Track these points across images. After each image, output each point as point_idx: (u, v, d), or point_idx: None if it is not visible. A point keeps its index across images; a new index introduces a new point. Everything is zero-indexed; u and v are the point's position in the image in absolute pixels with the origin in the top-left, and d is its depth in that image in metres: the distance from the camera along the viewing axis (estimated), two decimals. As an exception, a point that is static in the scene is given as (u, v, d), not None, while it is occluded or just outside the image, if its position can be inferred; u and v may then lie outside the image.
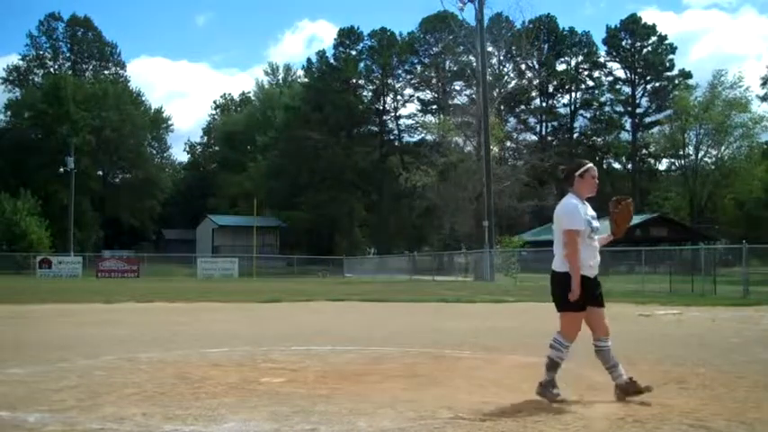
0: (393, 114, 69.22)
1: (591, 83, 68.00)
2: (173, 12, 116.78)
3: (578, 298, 4.76)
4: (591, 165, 5.09)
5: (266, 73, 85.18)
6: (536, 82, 65.96)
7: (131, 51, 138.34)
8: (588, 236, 4.90)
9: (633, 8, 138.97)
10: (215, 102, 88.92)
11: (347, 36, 67.12)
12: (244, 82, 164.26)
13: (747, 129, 51.52)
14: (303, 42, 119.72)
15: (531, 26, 56.23)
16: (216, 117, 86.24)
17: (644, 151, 65.26)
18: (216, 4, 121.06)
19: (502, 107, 55.01)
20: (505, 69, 59.04)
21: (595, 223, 4.96)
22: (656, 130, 62.10)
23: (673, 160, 60.17)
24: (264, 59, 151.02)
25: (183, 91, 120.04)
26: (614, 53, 66.26)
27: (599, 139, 67.88)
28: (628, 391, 4.80)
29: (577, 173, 5.01)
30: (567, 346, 4.85)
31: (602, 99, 67.64)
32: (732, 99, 51.12)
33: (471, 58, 49.53)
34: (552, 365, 4.83)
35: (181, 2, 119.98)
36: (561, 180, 5.17)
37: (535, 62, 65.57)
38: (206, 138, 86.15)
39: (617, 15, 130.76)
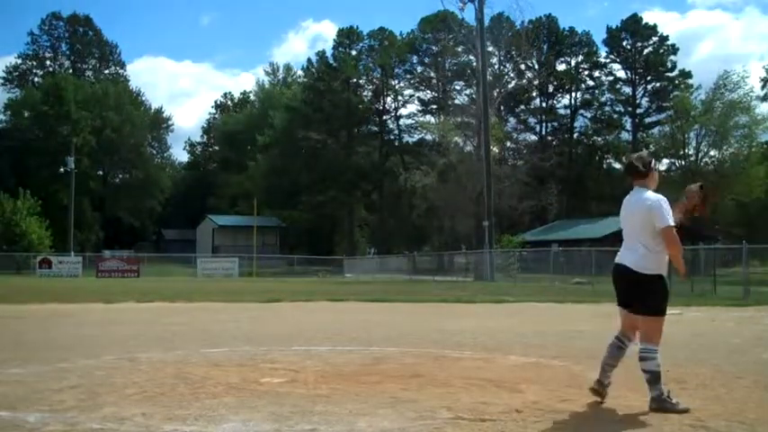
0: (393, 114, 69.25)
1: (591, 83, 67.97)
2: (177, 12, 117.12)
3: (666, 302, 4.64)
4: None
5: (267, 73, 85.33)
6: (536, 82, 65.96)
7: (135, 51, 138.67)
8: None
9: (637, 8, 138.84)
10: (215, 102, 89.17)
11: (347, 36, 67.12)
12: (247, 82, 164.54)
13: (749, 130, 51.44)
14: (307, 42, 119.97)
15: (530, 26, 56.32)
16: (216, 117, 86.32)
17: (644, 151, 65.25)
18: (220, 4, 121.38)
19: (502, 107, 55.04)
20: (505, 69, 59.09)
21: None
22: (656, 130, 62.09)
23: (673, 160, 60.10)
24: (268, 60, 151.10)
25: (187, 91, 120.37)
26: (615, 53, 66.25)
27: (599, 139, 67.87)
28: (598, 390, 4.75)
29: (653, 165, 4.73)
30: (657, 350, 4.56)
31: (603, 99, 67.63)
32: (734, 100, 51.02)
33: (471, 57, 49.59)
34: (654, 378, 4.52)
35: (185, 2, 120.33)
36: (636, 174, 4.69)
37: (535, 62, 65.56)
38: (206, 137, 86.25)
39: (620, 15, 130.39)
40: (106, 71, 75.34)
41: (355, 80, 66.68)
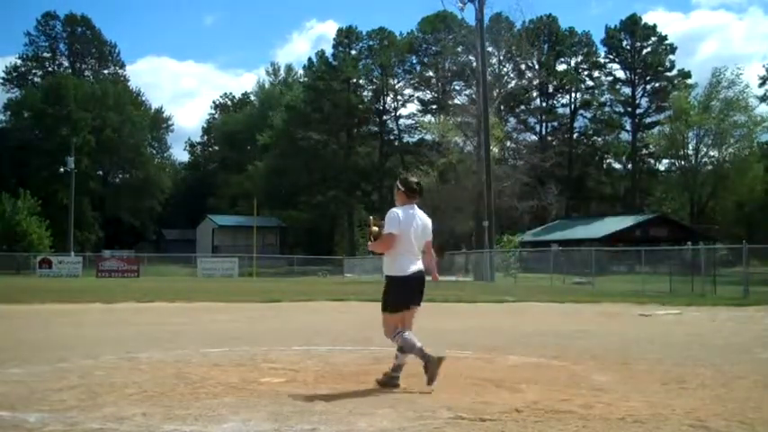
0: (393, 114, 69.25)
1: (591, 83, 68.02)
2: (180, 12, 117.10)
3: None
4: None
5: (267, 73, 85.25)
6: (536, 82, 65.96)
7: (138, 51, 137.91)
8: None
9: (639, 8, 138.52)
10: (214, 102, 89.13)
11: (346, 36, 67.09)
12: (250, 83, 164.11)
13: (748, 129, 51.42)
14: (311, 43, 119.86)
15: (531, 26, 56.29)
16: (215, 117, 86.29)
17: (644, 151, 65.28)
18: (224, 4, 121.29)
19: (502, 107, 54.99)
20: (505, 69, 59.03)
21: None
22: (656, 130, 62.10)
23: (673, 160, 60.12)
24: (271, 60, 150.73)
25: (190, 91, 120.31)
26: (614, 53, 66.28)
27: (599, 139, 67.95)
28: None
29: None
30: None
31: (602, 99, 67.65)
32: (731, 98, 50.98)
33: (471, 57, 49.51)
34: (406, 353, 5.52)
35: (189, 2, 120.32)
36: (420, 194, 5.53)
37: (535, 62, 65.58)
38: (206, 137, 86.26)
39: (622, 15, 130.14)
40: (105, 71, 75.25)
41: (355, 80, 66.66)
